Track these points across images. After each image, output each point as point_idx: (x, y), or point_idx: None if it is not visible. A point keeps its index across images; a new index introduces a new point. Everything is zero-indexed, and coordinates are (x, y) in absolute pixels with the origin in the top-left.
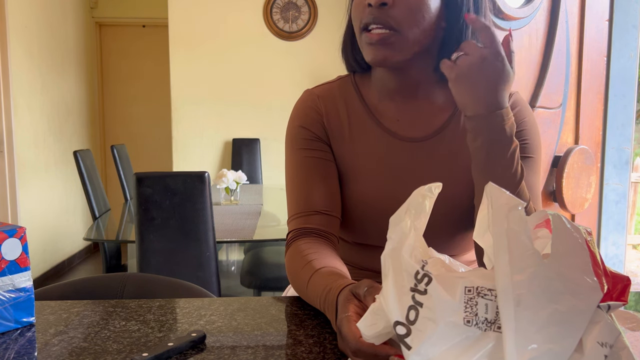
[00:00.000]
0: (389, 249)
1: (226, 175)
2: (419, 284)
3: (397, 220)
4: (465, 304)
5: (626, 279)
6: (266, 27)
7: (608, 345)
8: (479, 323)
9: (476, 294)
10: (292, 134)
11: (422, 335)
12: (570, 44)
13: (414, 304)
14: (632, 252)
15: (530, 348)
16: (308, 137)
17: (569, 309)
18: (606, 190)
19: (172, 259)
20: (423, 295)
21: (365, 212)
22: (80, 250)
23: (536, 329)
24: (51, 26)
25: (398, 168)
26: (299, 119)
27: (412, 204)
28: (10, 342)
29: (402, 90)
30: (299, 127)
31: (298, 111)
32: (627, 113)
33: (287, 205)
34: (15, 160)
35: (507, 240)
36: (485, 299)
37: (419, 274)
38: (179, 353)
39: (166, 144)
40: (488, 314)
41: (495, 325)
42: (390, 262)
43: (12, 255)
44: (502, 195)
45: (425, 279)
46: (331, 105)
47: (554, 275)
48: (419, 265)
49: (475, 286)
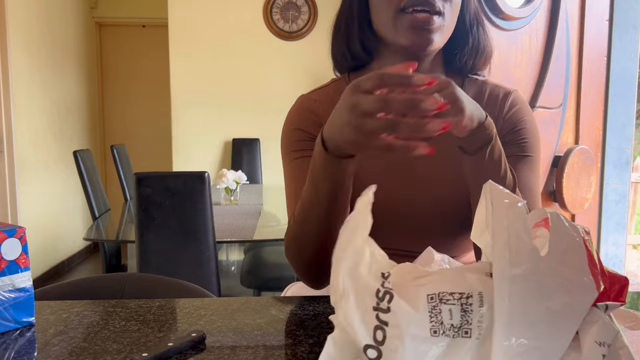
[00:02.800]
0: (345, 268)
1: (226, 175)
2: (381, 302)
3: (348, 237)
4: (430, 313)
5: (624, 279)
6: (266, 27)
7: (606, 345)
8: (446, 331)
9: (439, 301)
10: (288, 137)
11: (393, 356)
12: (570, 44)
13: (379, 324)
14: (632, 252)
15: (519, 343)
16: (304, 139)
17: (562, 307)
18: (606, 190)
19: (172, 259)
20: (387, 314)
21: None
22: (80, 250)
23: (527, 325)
24: (51, 26)
25: (400, 166)
26: (294, 122)
27: (358, 216)
28: (10, 342)
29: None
30: (295, 129)
31: (293, 114)
32: (627, 113)
33: (286, 208)
34: (15, 160)
35: (507, 236)
36: (448, 305)
37: (380, 292)
38: (179, 353)
39: (166, 144)
40: (453, 319)
41: (462, 330)
42: (350, 282)
43: (12, 255)
44: (502, 193)
45: (387, 296)
46: (328, 108)
47: (549, 272)
48: (379, 282)
49: (437, 292)
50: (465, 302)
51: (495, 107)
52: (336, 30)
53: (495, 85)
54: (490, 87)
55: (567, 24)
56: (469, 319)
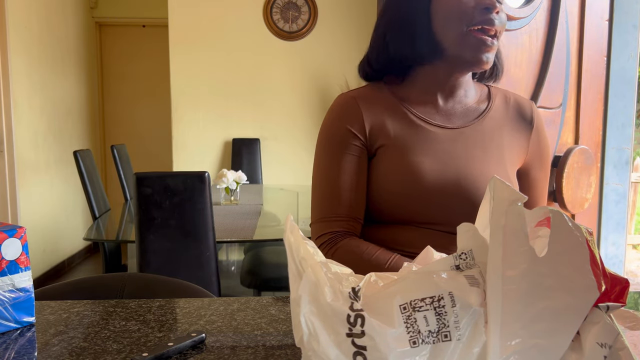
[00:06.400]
0: (305, 307)
1: (226, 175)
2: (353, 328)
3: (296, 275)
4: (405, 324)
5: (625, 280)
6: (266, 27)
7: (607, 346)
8: (425, 339)
9: (412, 310)
10: (329, 134)
11: None
12: (570, 44)
13: (357, 350)
14: (632, 252)
15: (514, 342)
16: (347, 136)
17: (562, 306)
18: (606, 190)
19: (172, 259)
20: (362, 338)
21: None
22: (80, 250)
23: (522, 325)
24: (51, 26)
25: (442, 153)
26: (339, 119)
27: (297, 248)
28: (10, 342)
29: (452, 86)
30: (339, 126)
31: (337, 112)
32: (627, 113)
33: (312, 206)
34: (15, 160)
35: (502, 235)
36: (422, 311)
37: (351, 317)
38: (179, 353)
39: (166, 144)
40: (429, 325)
41: (441, 334)
42: (315, 319)
43: (12, 255)
44: (505, 189)
45: (358, 320)
46: (367, 103)
47: (548, 272)
48: (347, 305)
49: (408, 301)
50: (437, 305)
51: (526, 114)
52: (381, 37)
53: (513, 93)
54: (513, 95)
55: (567, 24)
56: (445, 322)
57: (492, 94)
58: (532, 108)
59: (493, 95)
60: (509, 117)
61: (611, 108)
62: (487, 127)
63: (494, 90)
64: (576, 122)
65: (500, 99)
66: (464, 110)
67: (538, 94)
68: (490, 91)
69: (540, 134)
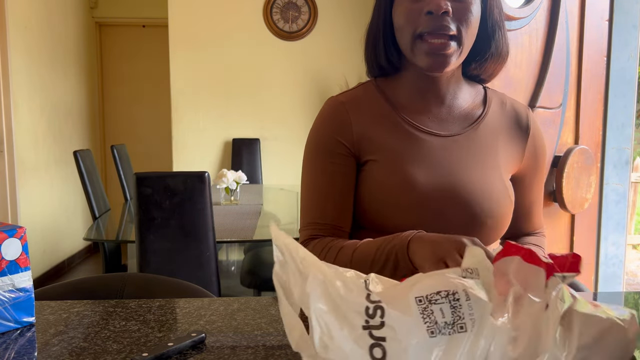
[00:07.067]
0: (316, 302)
1: (226, 175)
2: (371, 320)
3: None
4: (422, 314)
5: (573, 254)
6: (266, 27)
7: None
8: (442, 330)
9: (428, 302)
10: (317, 141)
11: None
12: (570, 44)
13: (374, 342)
14: (632, 252)
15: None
16: (334, 146)
17: None
18: (606, 190)
19: (172, 259)
20: (381, 329)
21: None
22: (80, 250)
23: None
24: (51, 26)
25: (436, 162)
26: (325, 127)
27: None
28: (10, 342)
29: (434, 91)
30: (325, 135)
31: (324, 119)
32: (627, 113)
33: (300, 212)
34: (15, 160)
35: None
36: (438, 304)
37: (370, 309)
38: (179, 353)
39: (166, 144)
40: (445, 317)
41: (457, 325)
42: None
43: (12, 255)
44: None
45: (377, 312)
46: (357, 110)
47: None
48: (364, 296)
49: (424, 295)
50: (452, 299)
51: (522, 121)
52: (366, 41)
53: (510, 97)
54: (510, 100)
55: (567, 24)
56: (461, 314)
57: (489, 98)
58: (527, 115)
59: (489, 99)
60: (505, 124)
61: (611, 108)
62: (482, 134)
63: (491, 94)
64: (576, 122)
65: (497, 104)
66: (457, 116)
67: (538, 94)
68: (487, 95)
69: (536, 141)
